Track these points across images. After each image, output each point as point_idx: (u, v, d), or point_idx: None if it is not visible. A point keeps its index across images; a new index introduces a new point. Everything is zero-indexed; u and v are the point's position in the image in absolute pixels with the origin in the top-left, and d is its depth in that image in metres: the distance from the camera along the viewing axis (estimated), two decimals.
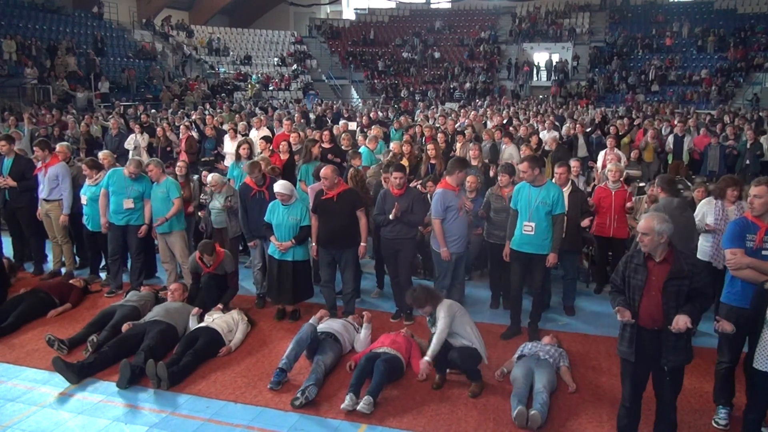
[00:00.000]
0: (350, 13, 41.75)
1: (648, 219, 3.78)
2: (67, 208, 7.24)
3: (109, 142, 12.00)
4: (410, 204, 6.05)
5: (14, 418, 4.54)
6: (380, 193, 6.35)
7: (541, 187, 5.66)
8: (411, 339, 5.47)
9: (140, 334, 5.41)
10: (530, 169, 5.61)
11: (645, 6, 35.85)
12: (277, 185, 6.08)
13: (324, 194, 5.98)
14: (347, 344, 5.47)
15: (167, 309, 5.82)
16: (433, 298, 4.89)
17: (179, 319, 5.78)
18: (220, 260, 6.29)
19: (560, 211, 5.64)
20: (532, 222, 5.63)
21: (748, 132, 12.48)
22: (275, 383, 4.90)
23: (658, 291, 3.71)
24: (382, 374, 4.77)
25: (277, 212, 6.11)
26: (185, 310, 5.94)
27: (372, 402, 4.58)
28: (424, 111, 20.72)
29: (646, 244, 3.73)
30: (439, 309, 4.84)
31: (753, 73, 28.38)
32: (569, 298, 6.62)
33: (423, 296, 4.87)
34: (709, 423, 4.46)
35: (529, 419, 4.33)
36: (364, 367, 4.87)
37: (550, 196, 5.62)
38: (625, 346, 3.84)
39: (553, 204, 5.60)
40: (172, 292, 6.18)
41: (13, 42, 21.92)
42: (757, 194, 4.26)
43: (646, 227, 3.72)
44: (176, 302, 6.04)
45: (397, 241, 6.12)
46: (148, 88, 25.83)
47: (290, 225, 6.04)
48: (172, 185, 6.84)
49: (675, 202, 5.62)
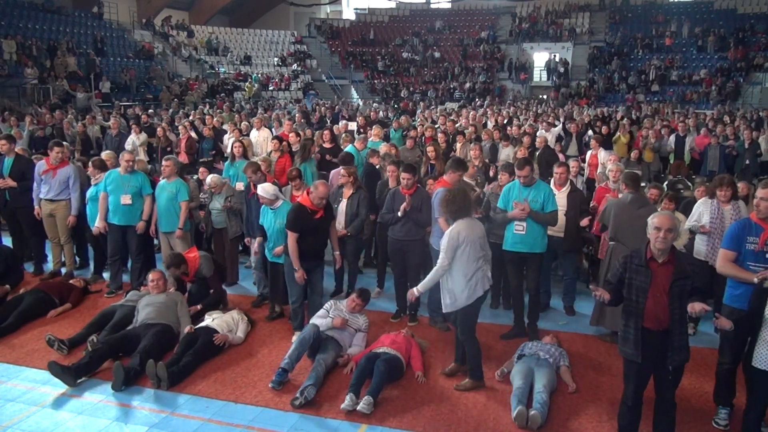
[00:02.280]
0: (350, 13, 41.75)
1: (669, 216, 3.77)
2: (76, 210, 7.19)
3: (109, 142, 11.99)
4: (420, 203, 6.06)
5: (14, 418, 4.54)
6: (389, 193, 6.32)
7: (531, 187, 5.69)
8: (411, 339, 5.47)
9: (136, 336, 5.39)
10: (531, 173, 5.67)
11: (645, 6, 35.83)
12: (259, 188, 6.01)
13: (311, 212, 5.60)
14: (347, 347, 5.44)
15: (156, 307, 5.66)
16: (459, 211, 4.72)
17: (170, 315, 5.67)
18: (196, 267, 6.20)
19: (551, 209, 5.66)
20: (524, 222, 5.64)
21: (746, 132, 12.49)
22: (277, 383, 4.89)
23: (663, 293, 3.70)
24: (382, 374, 4.77)
25: (266, 216, 6.07)
26: (171, 301, 5.78)
27: (372, 402, 4.58)
28: (424, 111, 20.70)
29: (668, 241, 3.69)
30: (447, 233, 4.73)
31: (753, 73, 28.38)
32: (569, 298, 6.62)
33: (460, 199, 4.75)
34: (709, 423, 4.46)
35: (529, 419, 4.34)
36: (364, 367, 4.87)
37: (540, 195, 5.66)
38: (630, 348, 3.82)
39: (544, 203, 5.64)
40: (154, 282, 5.86)
41: (13, 42, 21.93)
42: (763, 197, 4.26)
43: (671, 224, 3.69)
44: (160, 295, 5.82)
45: (406, 242, 6.11)
46: (148, 88, 25.83)
47: (277, 229, 5.96)
48: (183, 187, 6.81)
49: (629, 198, 5.67)
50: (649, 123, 14.47)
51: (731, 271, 4.33)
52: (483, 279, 4.83)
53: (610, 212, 5.75)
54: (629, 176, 5.87)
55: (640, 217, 4.96)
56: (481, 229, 4.96)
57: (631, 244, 5.11)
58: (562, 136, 12.92)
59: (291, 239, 5.57)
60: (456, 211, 4.76)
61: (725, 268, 4.38)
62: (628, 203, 5.64)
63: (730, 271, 4.34)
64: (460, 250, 4.68)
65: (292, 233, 5.57)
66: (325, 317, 5.44)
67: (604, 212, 5.91)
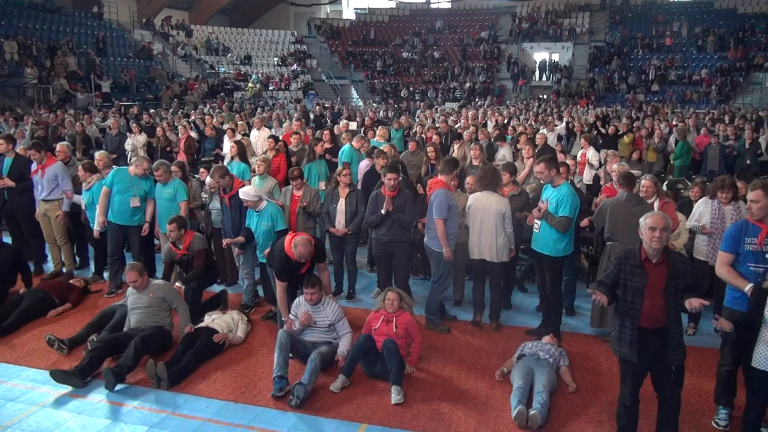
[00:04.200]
0: (350, 13, 41.76)
1: (662, 216, 3.77)
2: (67, 206, 7.21)
3: (109, 142, 12.00)
4: (402, 204, 6.06)
5: (14, 418, 4.54)
6: (372, 196, 6.28)
7: (556, 188, 5.63)
8: (412, 323, 5.25)
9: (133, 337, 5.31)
10: (546, 170, 5.60)
11: (645, 6, 35.83)
12: (240, 192, 5.95)
13: (297, 264, 5.39)
14: (334, 344, 5.31)
15: (143, 311, 5.49)
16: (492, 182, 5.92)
17: (159, 314, 5.54)
18: (190, 240, 6.25)
19: (563, 213, 5.52)
20: (539, 220, 5.66)
21: (747, 131, 12.49)
22: (278, 390, 4.79)
23: (659, 293, 3.72)
24: (393, 353, 4.80)
25: (251, 218, 6.06)
26: (156, 300, 5.54)
27: (401, 389, 4.70)
28: (424, 111, 20.70)
29: (664, 240, 3.70)
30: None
31: (753, 73, 28.38)
32: (569, 298, 6.61)
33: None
34: (709, 423, 4.46)
35: (529, 419, 4.33)
36: (362, 345, 4.89)
37: (555, 197, 5.59)
38: (626, 348, 3.83)
39: (557, 204, 5.54)
40: (137, 282, 5.51)
41: (14, 42, 21.95)
42: (753, 199, 4.28)
43: (666, 223, 3.70)
44: (143, 295, 5.55)
45: (391, 244, 6.12)
46: (148, 88, 25.83)
47: (263, 231, 5.93)
48: (181, 187, 6.81)
49: (624, 196, 5.69)
50: (648, 123, 14.45)
51: (726, 276, 4.36)
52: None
53: (605, 213, 5.74)
54: (624, 175, 5.87)
55: (635, 216, 4.90)
56: (499, 204, 5.86)
57: (627, 242, 5.11)
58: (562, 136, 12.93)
59: (279, 288, 5.52)
60: (486, 185, 5.90)
61: (721, 272, 4.41)
62: (623, 201, 5.65)
63: (726, 275, 4.36)
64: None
65: (280, 282, 5.49)
66: (295, 320, 5.31)
67: (599, 213, 5.89)
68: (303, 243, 5.25)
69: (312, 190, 7.03)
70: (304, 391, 4.67)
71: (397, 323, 5.17)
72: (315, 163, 8.21)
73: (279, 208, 6.14)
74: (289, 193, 6.85)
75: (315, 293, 5.24)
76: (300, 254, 5.25)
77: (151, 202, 6.89)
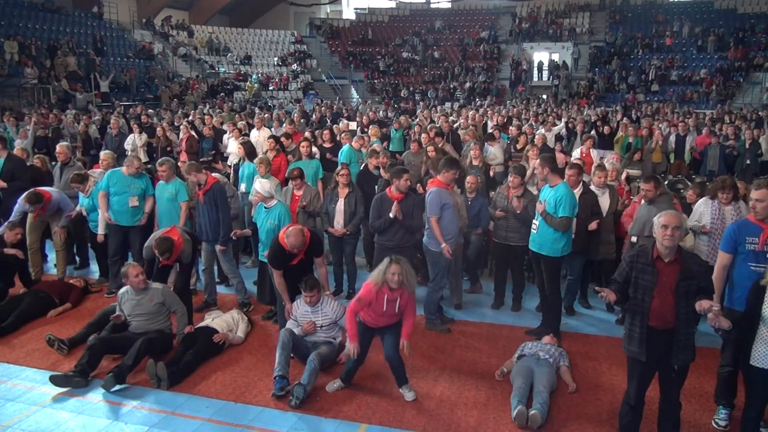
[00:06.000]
0: (350, 12, 41.72)
1: (676, 214, 3.78)
2: (65, 222, 7.11)
3: (109, 142, 12.00)
4: (411, 209, 5.97)
5: (14, 418, 4.55)
6: (376, 199, 6.16)
7: (553, 188, 5.64)
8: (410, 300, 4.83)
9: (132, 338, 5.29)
10: (539, 168, 5.67)
11: (645, 6, 35.80)
12: (256, 183, 5.96)
13: (288, 254, 5.37)
14: (337, 344, 5.33)
15: (142, 317, 5.45)
16: None
17: (159, 319, 5.52)
18: (180, 249, 5.91)
19: (563, 214, 5.51)
20: (537, 220, 5.65)
21: (747, 132, 12.49)
22: (278, 389, 4.79)
23: (670, 292, 3.69)
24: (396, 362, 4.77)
25: (260, 214, 6.06)
26: (156, 305, 5.51)
27: (410, 387, 4.74)
28: (424, 110, 20.70)
29: (676, 238, 3.69)
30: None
31: (753, 73, 28.37)
32: (570, 298, 6.60)
33: None
34: (709, 423, 4.46)
35: (529, 419, 4.33)
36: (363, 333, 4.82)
37: (553, 197, 5.59)
38: (635, 346, 3.81)
39: (556, 204, 5.55)
40: (139, 278, 5.45)
41: (15, 42, 21.94)
42: (758, 198, 4.27)
43: (679, 222, 3.70)
44: (143, 301, 5.47)
45: (398, 250, 5.79)
46: (148, 88, 25.83)
47: (268, 228, 5.92)
48: (182, 187, 6.78)
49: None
50: (647, 123, 14.43)
51: (716, 281, 4.31)
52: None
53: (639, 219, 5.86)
54: (650, 178, 5.97)
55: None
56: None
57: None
58: (561, 136, 12.91)
59: (276, 276, 5.50)
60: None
61: (716, 274, 4.38)
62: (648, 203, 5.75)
63: (716, 280, 4.32)
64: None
65: (276, 270, 5.48)
66: (296, 327, 5.30)
67: (635, 224, 5.94)
68: (295, 234, 5.29)
69: (312, 189, 7.03)
70: (304, 392, 4.67)
71: (400, 303, 4.70)
72: (303, 163, 8.09)
73: (288, 210, 6.13)
74: (289, 192, 6.84)
75: (314, 296, 5.27)
76: (292, 244, 5.28)
77: (149, 199, 6.84)
